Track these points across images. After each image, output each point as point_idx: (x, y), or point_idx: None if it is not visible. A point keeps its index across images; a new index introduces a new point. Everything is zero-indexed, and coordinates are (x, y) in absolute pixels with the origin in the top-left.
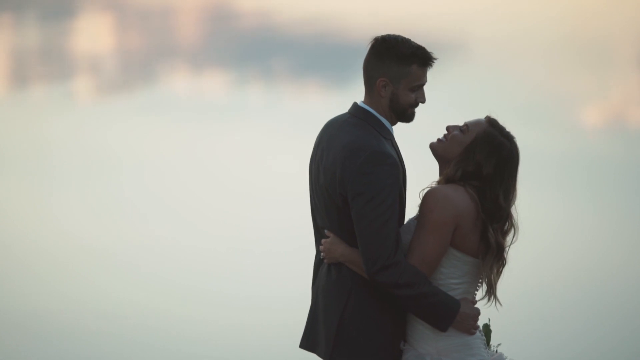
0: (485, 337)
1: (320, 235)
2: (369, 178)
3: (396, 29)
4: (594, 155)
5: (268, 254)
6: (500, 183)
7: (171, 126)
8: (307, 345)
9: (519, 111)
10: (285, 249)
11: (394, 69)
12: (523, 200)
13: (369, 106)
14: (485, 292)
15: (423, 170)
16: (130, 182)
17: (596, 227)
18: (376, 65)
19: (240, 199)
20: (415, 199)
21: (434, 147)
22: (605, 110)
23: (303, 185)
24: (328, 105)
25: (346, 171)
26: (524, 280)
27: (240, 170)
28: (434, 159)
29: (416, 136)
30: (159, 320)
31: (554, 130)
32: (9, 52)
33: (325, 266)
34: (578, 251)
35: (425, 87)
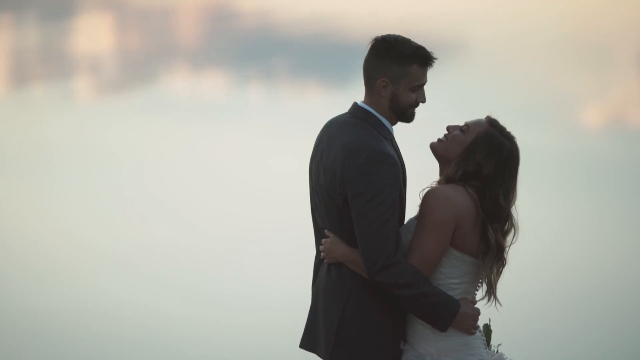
0: (485, 337)
1: (320, 235)
2: (369, 178)
3: (396, 29)
4: (594, 155)
5: (268, 254)
6: (500, 183)
7: (171, 126)
8: (307, 345)
9: (519, 111)
10: (285, 249)
11: (394, 69)
12: (523, 200)
13: (369, 106)
14: (485, 292)
15: (423, 170)
16: (130, 182)
17: (596, 227)
18: (376, 65)
19: (240, 198)
20: (415, 199)
21: (434, 147)
22: (605, 110)
23: (303, 185)
24: (328, 105)
25: (346, 171)
26: (524, 280)
27: (240, 170)
28: (434, 159)
29: (416, 136)
30: (159, 320)
31: (554, 130)
32: (9, 52)
33: (326, 266)
34: (578, 251)
35: (425, 87)
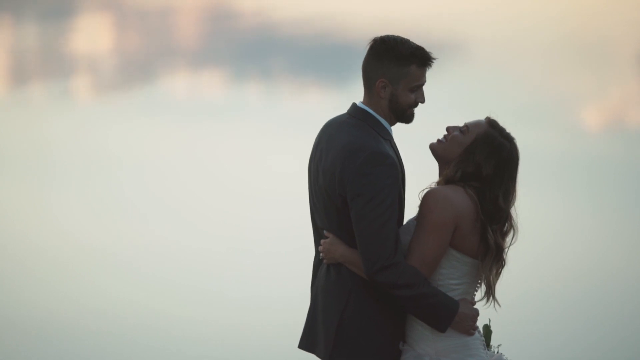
0: (484, 338)
1: (319, 235)
2: (368, 179)
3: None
4: (594, 156)
5: (268, 254)
6: (499, 184)
7: (170, 126)
8: (306, 346)
9: (518, 111)
10: (285, 249)
11: (393, 69)
12: (523, 200)
13: (368, 107)
14: (484, 293)
15: (423, 170)
16: (130, 182)
17: (596, 227)
18: (375, 66)
19: (240, 199)
20: (415, 200)
21: (433, 148)
22: (605, 111)
23: (302, 185)
24: (327, 105)
25: (345, 172)
26: (524, 280)
27: (240, 170)
28: (434, 160)
29: (416, 136)
30: (159, 320)
31: (554, 130)
32: (8, 52)
33: (325, 267)
34: (578, 251)
35: (424, 87)
